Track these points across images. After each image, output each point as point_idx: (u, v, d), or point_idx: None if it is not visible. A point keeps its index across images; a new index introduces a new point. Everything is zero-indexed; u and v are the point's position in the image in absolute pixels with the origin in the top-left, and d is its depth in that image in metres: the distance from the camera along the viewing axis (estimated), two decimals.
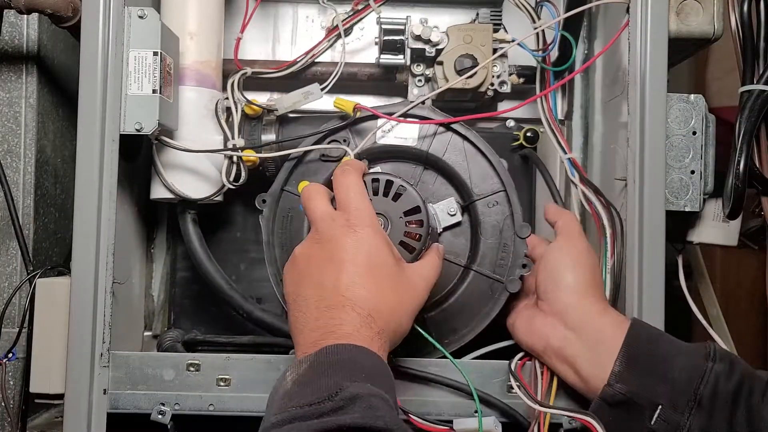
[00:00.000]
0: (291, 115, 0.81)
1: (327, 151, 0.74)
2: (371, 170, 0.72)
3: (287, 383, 0.52)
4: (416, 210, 0.67)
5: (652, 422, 0.59)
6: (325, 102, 0.80)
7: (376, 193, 0.67)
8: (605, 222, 0.72)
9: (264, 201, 0.74)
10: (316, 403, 0.49)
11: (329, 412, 0.48)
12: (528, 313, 0.70)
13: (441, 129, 0.75)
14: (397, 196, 0.67)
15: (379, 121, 0.74)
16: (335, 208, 0.62)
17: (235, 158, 0.76)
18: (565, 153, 0.77)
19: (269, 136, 0.78)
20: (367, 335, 0.55)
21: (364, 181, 0.65)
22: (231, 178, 0.76)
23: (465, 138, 0.74)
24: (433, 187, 0.76)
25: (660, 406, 0.59)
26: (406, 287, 0.60)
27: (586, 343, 0.64)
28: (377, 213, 0.65)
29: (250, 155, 0.76)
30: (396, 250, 0.62)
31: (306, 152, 0.75)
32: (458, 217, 0.74)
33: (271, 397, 0.54)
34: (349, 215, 0.60)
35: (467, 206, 0.75)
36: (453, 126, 0.74)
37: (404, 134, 0.75)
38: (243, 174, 0.77)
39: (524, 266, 0.73)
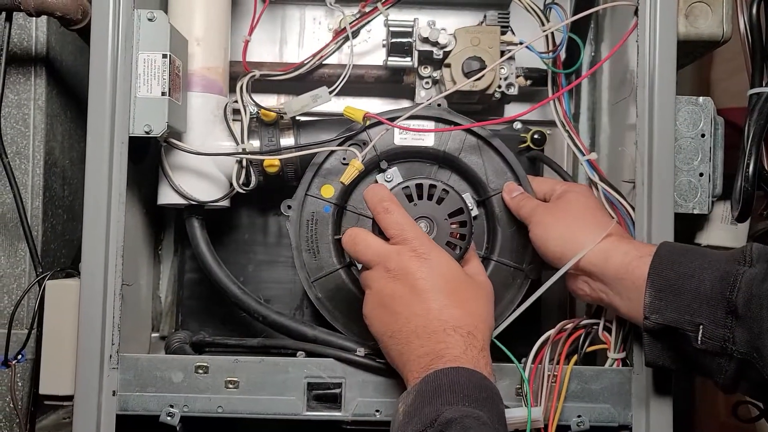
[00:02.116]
0: (308, 118, 0.82)
1: (346, 155, 0.76)
2: (392, 181, 0.76)
3: (399, 415, 0.56)
4: (460, 211, 0.71)
5: (699, 342, 0.58)
6: (334, 104, 0.80)
7: (420, 197, 0.71)
8: (630, 224, 0.71)
9: (289, 207, 0.76)
10: None
11: None
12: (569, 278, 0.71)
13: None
14: (440, 200, 0.71)
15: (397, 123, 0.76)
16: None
17: (245, 163, 0.76)
18: (583, 154, 0.77)
19: (288, 140, 0.79)
20: (473, 355, 0.58)
21: (402, 192, 0.70)
22: (240, 182, 0.76)
23: (479, 136, 0.77)
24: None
25: (701, 325, 0.58)
26: (481, 289, 0.65)
27: (615, 286, 0.64)
28: (423, 216, 0.70)
29: (271, 158, 0.77)
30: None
31: (327, 157, 0.76)
32: (475, 212, 0.78)
33: (391, 429, 0.58)
34: (413, 245, 0.63)
35: (483, 201, 0.78)
36: (468, 126, 0.76)
37: (421, 135, 0.77)
38: (253, 179, 0.77)
39: None
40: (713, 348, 0.57)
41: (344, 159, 0.76)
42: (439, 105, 0.78)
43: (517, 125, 0.84)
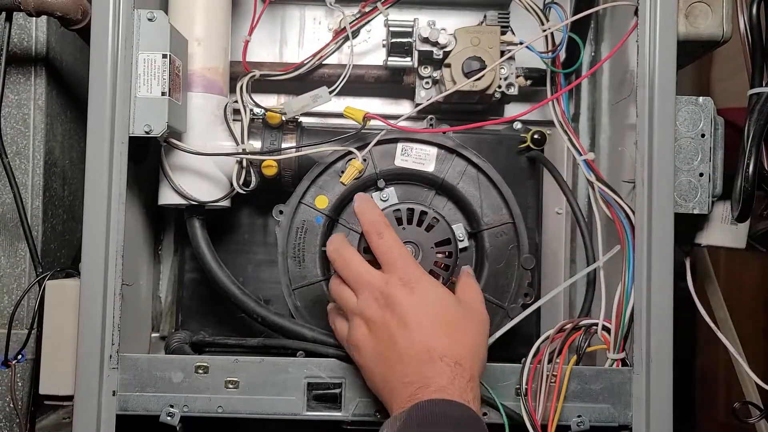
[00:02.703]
0: (313, 123, 0.81)
1: (345, 166, 0.77)
2: (388, 201, 0.77)
3: None
4: (447, 242, 0.71)
5: None
6: (334, 104, 0.80)
7: (410, 222, 0.71)
8: (626, 224, 0.71)
9: (281, 212, 0.76)
10: None
11: None
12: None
13: (457, 158, 0.78)
14: (429, 227, 0.71)
15: (399, 145, 0.78)
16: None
17: (245, 163, 0.76)
18: (581, 154, 0.76)
19: (290, 145, 0.79)
20: (460, 386, 0.57)
21: (393, 214, 0.71)
22: (241, 183, 0.76)
23: (480, 169, 0.78)
24: (443, 212, 0.78)
25: None
26: (473, 318, 0.64)
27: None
28: (409, 241, 0.71)
29: (268, 158, 0.76)
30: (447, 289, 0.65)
31: (325, 168, 0.76)
32: (465, 243, 0.78)
33: None
34: (401, 273, 0.63)
35: (475, 234, 0.78)
36: (470, 158, 0.77)
37: (423, 159, 0.78)
38: (253, 180, 0.77)
39: (526, 295, 0.77)
40: None
41: (342, 172, 0.76)
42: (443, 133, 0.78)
43: (517, 125, 0.84)
